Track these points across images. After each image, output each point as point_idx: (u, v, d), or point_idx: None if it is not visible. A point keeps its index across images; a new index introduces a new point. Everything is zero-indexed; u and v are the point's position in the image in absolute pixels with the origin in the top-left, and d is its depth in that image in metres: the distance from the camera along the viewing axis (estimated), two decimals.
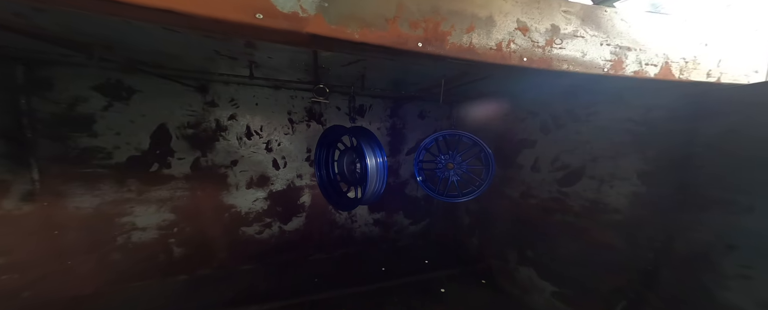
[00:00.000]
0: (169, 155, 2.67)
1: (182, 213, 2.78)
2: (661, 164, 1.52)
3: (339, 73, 2.22)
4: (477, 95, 2.91)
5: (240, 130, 2.91)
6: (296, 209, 3.32)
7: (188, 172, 2.75)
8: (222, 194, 2.92)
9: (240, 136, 2.91)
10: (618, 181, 1.74)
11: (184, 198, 2.77)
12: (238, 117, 2.89)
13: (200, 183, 2.81)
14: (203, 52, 1.81)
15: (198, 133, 2.75)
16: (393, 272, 3.22)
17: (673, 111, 1.50)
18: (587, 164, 1.97)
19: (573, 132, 2.10)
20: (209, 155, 2.82)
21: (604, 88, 1.86)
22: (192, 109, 2.69)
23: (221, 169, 2.88)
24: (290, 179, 3.23)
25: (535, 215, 2.48)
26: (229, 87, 2.81)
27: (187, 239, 2.84)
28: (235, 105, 2.86)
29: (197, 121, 2.73)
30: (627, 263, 1.69)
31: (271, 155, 3.09)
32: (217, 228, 2.97)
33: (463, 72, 1.96)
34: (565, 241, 2.16)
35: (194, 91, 2.67)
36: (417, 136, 3.88)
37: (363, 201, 1.94)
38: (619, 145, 1.75)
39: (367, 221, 3.78)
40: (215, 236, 2.97)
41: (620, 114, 1.76)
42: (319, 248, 3.52)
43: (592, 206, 1.92)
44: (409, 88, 2.66)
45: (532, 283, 2.51)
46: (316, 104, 3.25)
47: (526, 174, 2.60)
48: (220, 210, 2.94)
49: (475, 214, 3.46)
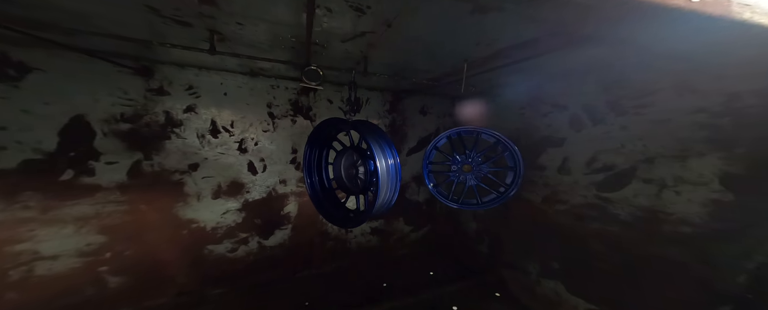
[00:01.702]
0: (92, 158, 1.98)
1: (117, 233, 2.11)
2: (756, 165, 1.22)
3: (335, 54, 1.74)
4: (494, 86, 2.53)
5: (202, 125, 2.29)
6: (279, 220, 2.80)
7: (123, 180, 2.08)
8: (177, 206, 2.29)
9: (202, 133, 2.29)
10: (687, 185, 1.44)
11: (118, 214, 2.10)
12: (200, 109, 2.26)
13: (143, 194, 2.15)
14: (138, 18, 1.23)
15: (138, 129, 2.08)
16: (396, 288, 2.84)
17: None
18: (639, 165, 1.66)
19: (617, 128, 1.79)
20: (156, 158, 2.16)
21: (660, 73, 1.55)
22: (128, 97, 2.01)
23: (175, 175, 2.24)
24: (271, 186, 2.69)
25: (564, 223, 2.17)
26: (187, 72, 2.17)
27: (127, 266, 2.18)
28: (194, 94, 2.22)
29: (136, 113, 2.06)
30: (701, 285, 1.39)
31: (245, 156, 2.52)
32: (173, 249, 2.34)
33: (496, 51, 1.55)
34: (604, 254, 1.85)
35: (132, 74, 2.00)
36: (419, 134, 3.49)
37: (372, 214, 1.48)
38: (689, 143, 1.44)
39: (363, 230, 3.33)
40: (170, 259, 2.34)
41: (687, 104, 1.45)
42: (307, 263, 3.03)
43: (647, 215, 1.62)
44: (420, 75, 2.22)
45: (559, 298, 2.20)
46: (303, 96, 2.72)
47: (552, 176, 2.28)
48: (176, 227, 2.32)
49: (484, 220, 3.13)
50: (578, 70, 1.95)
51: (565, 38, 1.33)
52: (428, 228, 3.74)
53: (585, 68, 1.90)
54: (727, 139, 1.31)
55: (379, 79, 2.65)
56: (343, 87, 2.89)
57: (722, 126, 1.32)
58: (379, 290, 2.82)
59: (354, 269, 3.17)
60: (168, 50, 1.74)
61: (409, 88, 3.01)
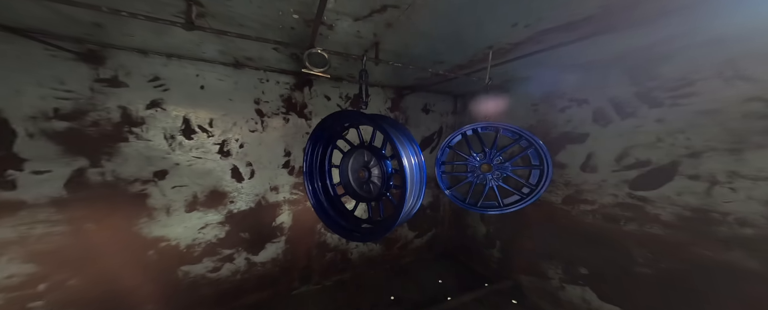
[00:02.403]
0: (12, 167, 1.53)
1: (54, 260, 1.67)
2: None
3: (341, 38, 1.47)
4: (509, 80, 2.37)
5: (171, 124, 1.91)
6: (270, 233, 2.45)
7: (60, 193, 1.65)
8: (139, 223, 1.89)
9: (171, 133, 1.92)
10: (746, 181, 1.31)
11: (54, 237, 1.65)
12: (168, 105, 1.88)
13: (90, 210, 1.73)
14: None
15: (81, 129, 1.66)
16: (405, 301, 2.59)
17: None
18: (682, 159, 1.53)
19: (651, 121, 1.66)
20: (108, 165, 1.75)
21: (700, 62, 1.43)
22: (66, 88, 1.60)
23: (134, 185, 1.84)
24: (260, 194, 2.34)
25: (592, 225, 2.01)
26: (151, 60, 1.78)
27: (72, 299, 1.74)
28: (160, 86, 1.84)
29: (78, 108, 1.64)
30: None
31: (228, 161, 2.16)
32: (136, 274, 1.92)
33: (531, 35, 1.37)
34: (647, 258, 1.70)
35: (74, 59, 1.59)
36: (421, 133, 3.28)
37: (399, 222, 1.21)
38: (744, 134, 1.32)
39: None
40: (132, 287, 1.91)
41: (737, 93, 1.33)
42: (305, 278, 2.71)
43: (696, 215, 1.48)
44: (435, 67, 1.99)
45: (588, 306, 2.04)
46: (298, 92, 2.41)
47: (574, 175, 2.14)
48: (139, 247, 1.92)
49: (495, 223, 2.95)
50: (600, 61, 1.82)
51: (616, 19, 1.16)
52: (433, 233, 3.52)
53: (609, 59, 1.77)
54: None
55: (382, 74, 2.42)
56: (343, 82, 2.61)
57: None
58: (386, 303, 2.55)
59: (357, 281, 2.89)
60: (125, 25, 1.36)
61: (413, 85, 2.79)
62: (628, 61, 1.75)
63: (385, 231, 1.24)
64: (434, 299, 2.52)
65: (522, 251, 2.60)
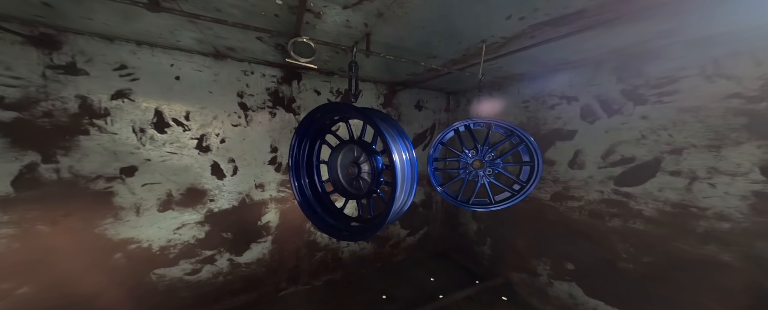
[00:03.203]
0: None
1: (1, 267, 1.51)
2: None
3: (330, 27, 1.40)
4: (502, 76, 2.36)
5: (141, 117, 1.77)
6: (256, 232, 2.35)
7: (7, 192, 1.48)
8: (104, 224, 1.74)
9: (141, 126, 1.77)
10: (724, 177, 1.35)
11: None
12: (137, 96, 1.74)
13: (43, 210, 1.56)
14: None
15: (31, 120, 1.50)
16: (395, 299, 2.56)
17: None
18: (665, 156, 1.57)
19: (636, 118, 1.70)
20: (64, 160, 1.59)
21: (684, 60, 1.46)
22: (12, 74, 1.43)
23: (97, 182, 1.69)
24: (244, 192, 2.23)
25: (578, 221, 2.05)
26: (117, 47, 1.64)
27: (24, 308, 1.59)
28: (128, 75, 1.70)
29: (27, 97, 1.48)
30: (749, 287, 1.30)
31: (207, 156, 2.04)
32: (101, 279, 1.79)
33: (525, 29, 1.35)
34: (630, 253, 1.74)
35: (21, 43, 1.43)
36: (414, 130, 3.25)
37: (389, 220, 1.17)
38: (723, 131, 1.36)
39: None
40: (96, 292, 1.78)
41: (718, 90, 1.37)
42: (294, 279, 2.62)
43: (677, 210, 1.52)
44: (430, 60, 1.95)
45: (574, 301, 2.08)
46: (285, 86, 2.30)
47: (562, 171, 2.17)
48: (104, 250, 1.77)
49: (486, 220, 2.97)
50: (590, 59, 1.85)
51: (609, 13, 1.15)
52: (425, 231, 3.51)
53: (598, 57, 1.80)
54: (766, 125, 1.23)
55: (374, 69, 2.36)
56: (334, 77, 2.54)
57: (761, 112, 1.25)
58: (378, 302, 2.51)
59: (348, 280, 2.83)
60: (79, 6, 1.19)
61: (405, 80, 2.75)
62: (616, 59, 1.78)
63: (375, 229, 1.20)
64: (426, 297, 2.50)
65: (512, 248, 2.63)
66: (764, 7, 0.96)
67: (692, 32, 1.37)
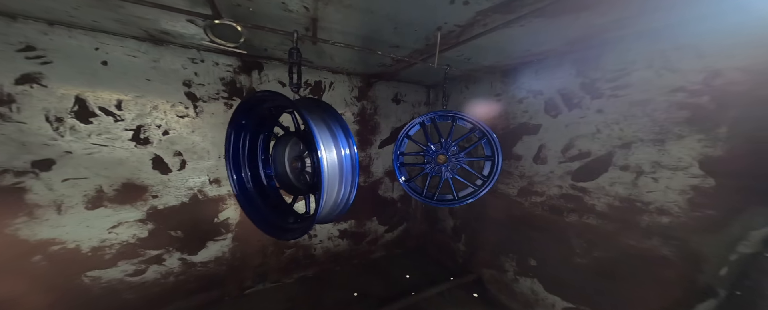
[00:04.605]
0: None
1: None
2: (740, 146, 1.12)
3: (267, 10, 1.31)
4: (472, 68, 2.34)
5: (56, 105, 1.62)
6: (212, 230, 2.26)
7: None
8: (15, 224, 1.62)
9: (57, 115, 1.62)
10: (666, 171, 1.33)
11: None
12: (50, 81, 1.59)
13: None
14: None
15: None
16: (368, 296, 2.55)
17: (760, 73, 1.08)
18: (616, 150, 1.55)
19: (593, 111, 1.67)
20: None
21: (637, 52, 1.43)
22: None
23: (4, 177, 1.56)
24: (195, 188, 2.12)
25: (540, 217, 2.04)
26: (23, 25, 1.50)
27: None
28: (37, 58, 1.56)
29: None
30: (684, 280, 1.28)
31: (147, 149, 1.91)
32: (16, 284, 1.68)
33: (474, 16, 1.29)
34: (583, 248, 1.74)
35: None
36: (392, 124, 3.22)
37: (317, 220, 1.13)
38: (667, 125, 1.33)
39: (330, 233, 2.95)
40: (13, 298, 1.68)
41: (665, 84, 1.34)
42: (261, 277, 2.57)
43: (624, 205, 1.51)
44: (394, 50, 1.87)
45: (536, 297, 2.09)
46: (244, 76, 2.17)
47: (528, 166, 2.15)
48: (18, 253, 1.65)
49: (462, 216, 2.98)
50: (552, 50, 1.81)
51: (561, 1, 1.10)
52: (404, 227, 3.52)
53: (560, 49, 1.76)
54: (707, 119, 1.20)
55: (343, 60, 2.24)
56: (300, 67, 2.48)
57: (702, 105, 1.22)
58: (348, 299, 2.51)
59: (321, 277, 2.81)
60: None
61: (379, 73, 2.72)
62: (575, 51, 1.74)
63: (304, 230, 1.17)
64: (399, 293, 2.48)
65: (484, 244, 2.64)
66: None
67: (640, 24, 1.34)
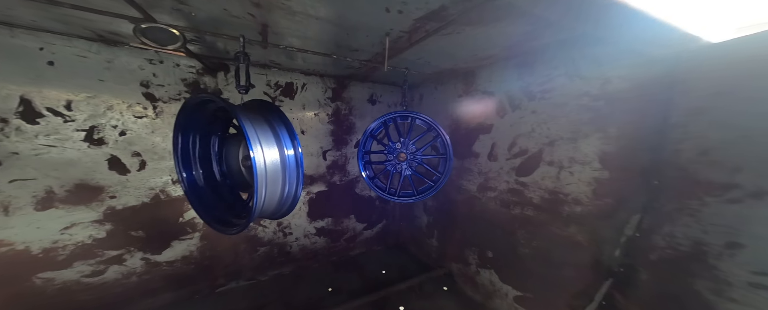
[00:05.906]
0: None
1: None
2: (625, 143, 1.28)
3: (208, 12, 1.29)
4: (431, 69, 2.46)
5: (0, 105, 1.60)
6: (177, 230, 2.22)
7: None
8: None
9: (1, 116, 1.61)
10: (578, 166, 1.49)
11: None
12: None
13: None
14: None
15: None
16: (342, 291, 2.65)
17: (638, 80, 1.25)
18: (544, 148, 1.70)
19: (529, 112, 1.83)
20: None
21: (557, 59, 1.59)
22: None
23: None
24: (157, 188, 2.09)
25: (494, 210, 2.19)
26: None
27: None
28: None
29: None
30: (593, 262, 1.43)
31: (102, 150, 1.87)
32: None
33: (413, 22, 1.37)
34: (525, 238, 1.88)
35: None
36: (367, 125, 3.35)
37: (253, 217, 1.20)
38: (578, 125, 1.49)
39: (306, 231, 3.02)
40: None
41: (576, 88, 1.51)
42: (233, 275, 2.60)
43: (552, 197, 1.66)
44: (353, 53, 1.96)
45: (494, 287, 2.22)
46: (209, 77, 2.15)
47: (483, 164, 2.31)
48: None
49: (434, 212, 3.13)
50: (496, 55, 1.92)
51: (471, 13, 1.20)
52: (383, 225, 3.64)
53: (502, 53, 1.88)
54: (603, 120, 1.36)
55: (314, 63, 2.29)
56: (270, 69, 2.43)
57: (599, 108, 1.37)
58: (322, 295, 2.59)
59: (298, 275, 2.89)
60: None
61: (351, 74, 2.74)
62: (515, 56, 1.90)
63: (243, 226, 1.27)
64: (371, 288, 2.56)
65: (452, 239, 2.78)
66: (599, 15, 1.03)
67: (559, 34, 1.49)
